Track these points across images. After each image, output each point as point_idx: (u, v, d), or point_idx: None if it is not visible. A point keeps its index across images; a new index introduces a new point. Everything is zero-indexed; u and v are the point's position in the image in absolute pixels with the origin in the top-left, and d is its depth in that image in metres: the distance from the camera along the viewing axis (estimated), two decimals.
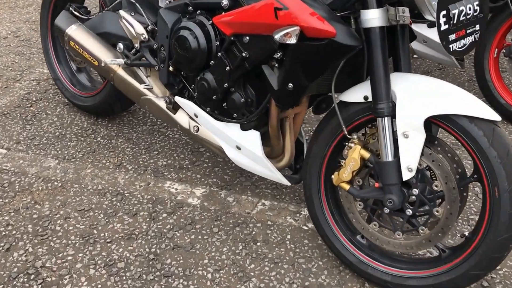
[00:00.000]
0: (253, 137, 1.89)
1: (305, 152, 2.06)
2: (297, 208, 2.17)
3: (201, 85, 1.94)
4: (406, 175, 1.56)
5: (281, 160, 1.97)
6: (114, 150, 2.53)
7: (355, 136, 1.68)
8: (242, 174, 2.36)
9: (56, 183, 2.29)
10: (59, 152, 2.52)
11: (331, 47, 1.51)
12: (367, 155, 1.65)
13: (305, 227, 2.07)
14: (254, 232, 2.03)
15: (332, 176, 1.74)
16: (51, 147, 2.56)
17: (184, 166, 2.41)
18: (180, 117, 2.14)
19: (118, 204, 2.17)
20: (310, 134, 2.49)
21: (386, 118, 1.56)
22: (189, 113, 2.08)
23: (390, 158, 1.58)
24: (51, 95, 3.04)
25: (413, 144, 1.53)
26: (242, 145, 1.93)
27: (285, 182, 1.94)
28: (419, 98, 1.52)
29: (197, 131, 2.08)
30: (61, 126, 2.73)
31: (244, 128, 1.92)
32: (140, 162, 2.44)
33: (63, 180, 2.31)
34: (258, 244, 1.98)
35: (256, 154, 1.90)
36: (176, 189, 2.26)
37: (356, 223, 1.78)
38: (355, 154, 1.66)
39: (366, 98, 1.63)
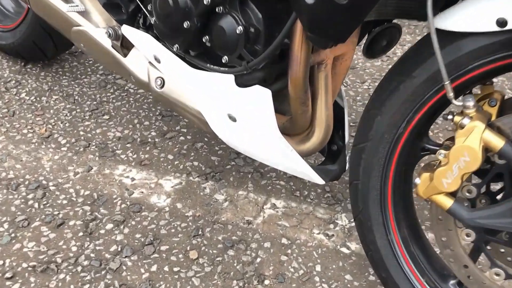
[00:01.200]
0: (259, 98, 1.02)
1: (346, 126, 1.19)
2: (330, 214, 1.33)
3: (163, 3, 1.05)
4: None
5: (308, 139, 1.10)
6: (44, 113, 1.65)
7: (471, 103, 0.81)
8: (240, 155, 1.50)
9: None
10: None
11: None
12: (497, 142, 0.79)
13: (344, 250, 1.23)
14: (259, 260, 1.20)
15: (416, 181, 0.88)
16: None
17: (149, 140, 1.54)
18: (133, 63, 1.26)
19: (36, 205, 1.32)
20: (353, 96, 1.58)
21: None
22: (147, 56, 1.19)
23: None
24: None
25: None
26: (239, 114, 1.06)
27: (317, 179, 1.09)
28: None
29: (162, 87, 1.20)
30: None
31: (242, 82, 1.05)
32: (81, 133, 1.57)
33: None
34: (267, 283, 1.15)
35: (264, 130, 1.04)
36: (133, 179, 1.41)
37: (454, 264, 0.94)
38: (472, 139, 0.80)
39: (502, 22, 0.76)
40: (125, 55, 1.28)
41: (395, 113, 0.90)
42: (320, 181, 1.09)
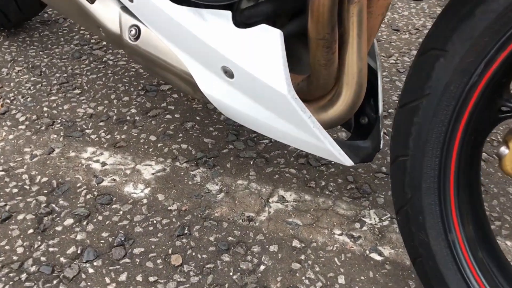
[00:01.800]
0: (266, 42, 0.73)
1: (379, 91, 0.90)
2: (355, 210, 1.03)
3: None
4: None
5: (332, 104, 0.81)
6: (2, 86, 1.36)
7: None
8: (239, 136, 1.21)
9: None
10: None
11: None
12: None
13: (375, 256, 0.94)
14: (262, 268, 0.90)
15: (502, 151, 0.59)
16: None
17: (127, 118, 1.25)
18: (102, 9, 0.97)
19: None
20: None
21: None
22: None
23: None
24: None
25: None
26: (237, 66, 0.77)
27: (344, 158, 0.79)
28: None
29: (136, 38, 0.91)
30: None
31: (243, 20, 0.76)
32: (44, 109, 1.28)
33: None
34: None
35: (272, 88, 0.75)
36: (104, 163, 1.11)
37: None
38: None
39: None
40: (92, 1, 0.99)
41: (467, 52, 0.61)
42: (348, 162, 0.80)
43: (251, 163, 1.13)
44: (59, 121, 1.23)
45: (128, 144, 1.17)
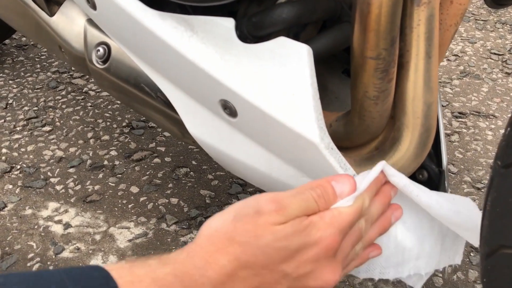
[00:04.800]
0: (288, 63, 0.47)
1: (441, 138, 0.64)
2: None
3: None
4: None
5: (387, 153, 0.54)
6: None
7: None
8: (246, 186, 0.94)
9: None
10: None
11: None
12: None
13: None
14: None
15: None
16: None
17: (105, 163, 0.99)
18: (63, 22, 0.73)
19: None
20: None
21: None
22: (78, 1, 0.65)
23: None
24: None
25: None
26: (242, 97, 0.50)
27: None
28: None
29: (105, 61, 0.66)
30: None
31: (250, 31, 0.50)
32: (3, 150, 1.02)
33: None
34: None
35: (296, 133, 0.48)
36: (68, 225, 0.84)
37: None
38: None
39: None
40: (51, 13, 0.75)
41: None
42: None
43: None
44: (18, 167, 0.97)
45: (101, 198, 0.90)
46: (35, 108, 1.15)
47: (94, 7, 0.61)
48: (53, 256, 0.79)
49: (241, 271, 0.37)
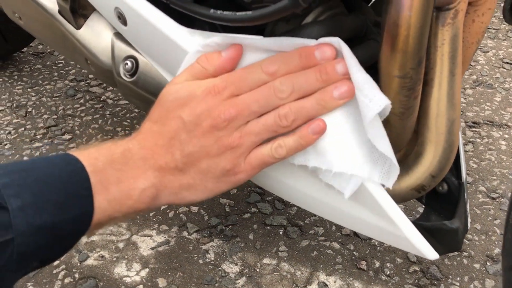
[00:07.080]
0: None
1: (461, 151, 0.66)
2: None
3: None
4: None
5: (410, 167, 0.56)
6: None
7: None
8: (264, 196, 0.96)
9: None
10: None
11: None
12: None
13: None
14: None
15: None
16: None
17: None
18: (90, 35, 0.75)
19: None
20: None
21: None
22: (108, 15, 0.68)
23: None
24: None
25: None
26: None
27: (428, 250, 0.53)
28: None
29: (132, 74, 0.68)
30: None
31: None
32: (25, 158, 1.04)
33: None
34: None
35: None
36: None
37: None
38: None
39: None
40: (78, 26, 0.77)
41: None
42: (432, 254, 0.54)
43: (281, 233, 0.87)
44: None
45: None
46: (54, 116, 1.17)
47: (125, 23, 0.63)
48: (78, 264, 0.81)
49: (153, 126, 0.47)
